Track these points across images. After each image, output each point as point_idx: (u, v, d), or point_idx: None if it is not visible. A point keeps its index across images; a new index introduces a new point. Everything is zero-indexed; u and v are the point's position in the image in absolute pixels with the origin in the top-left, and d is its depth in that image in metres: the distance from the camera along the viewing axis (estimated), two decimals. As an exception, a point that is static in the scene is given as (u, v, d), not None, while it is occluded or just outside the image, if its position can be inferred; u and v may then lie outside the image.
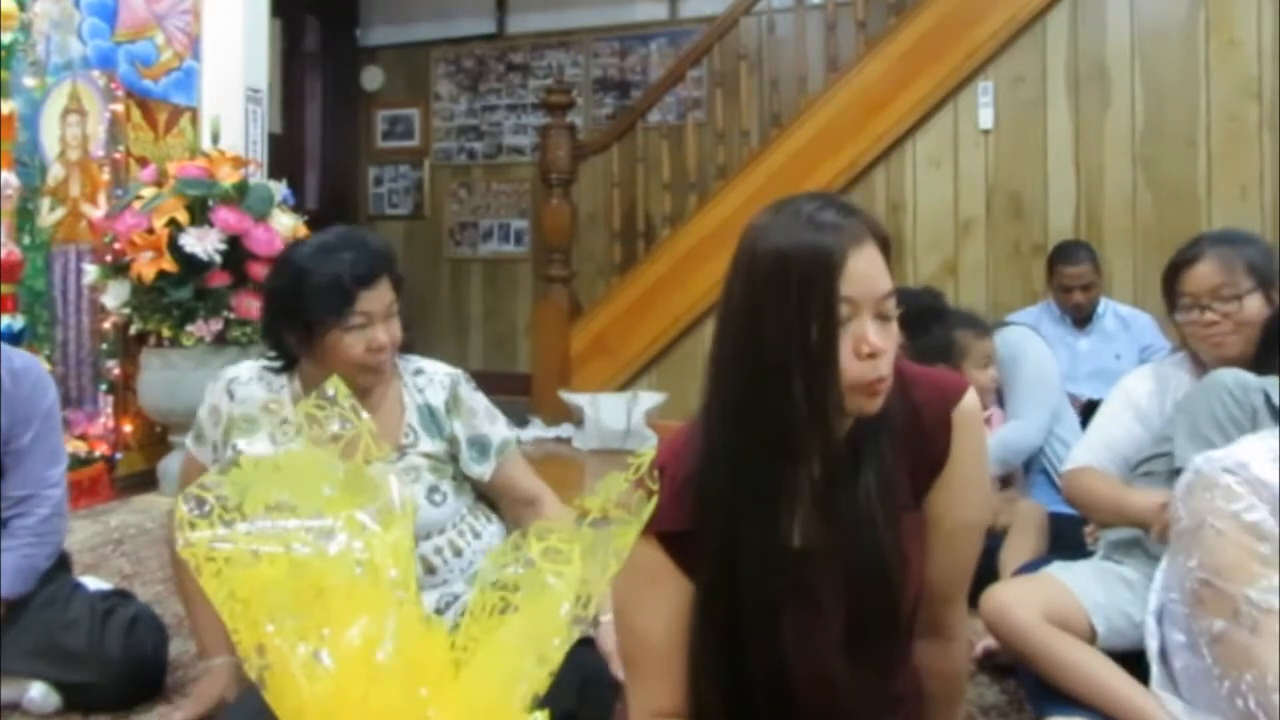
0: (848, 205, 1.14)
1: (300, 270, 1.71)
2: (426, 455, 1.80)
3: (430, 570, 1.74)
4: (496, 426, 1.87)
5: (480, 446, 1.83)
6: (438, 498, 1.78)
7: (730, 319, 1.13)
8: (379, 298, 1.71)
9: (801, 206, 1.12)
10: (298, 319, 1.71)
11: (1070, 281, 3.89)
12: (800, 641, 1.14)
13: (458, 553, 1.78)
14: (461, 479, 1.84)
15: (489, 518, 1.88)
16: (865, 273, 1.08)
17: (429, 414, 1.81)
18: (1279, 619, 0.84)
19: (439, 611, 1.72)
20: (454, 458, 1.82)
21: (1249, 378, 1.80)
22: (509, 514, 1.91)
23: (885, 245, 1.13)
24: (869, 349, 1.07)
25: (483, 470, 1.83)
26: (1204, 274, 1.96)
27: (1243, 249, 1.98)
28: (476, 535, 1.82)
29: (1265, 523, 0.86)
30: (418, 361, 1.87)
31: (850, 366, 1.08)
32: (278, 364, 1.82)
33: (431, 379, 1.84)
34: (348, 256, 1.70)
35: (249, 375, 1.84)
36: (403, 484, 1.71)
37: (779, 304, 1.07)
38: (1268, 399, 1.74)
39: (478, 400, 1.87)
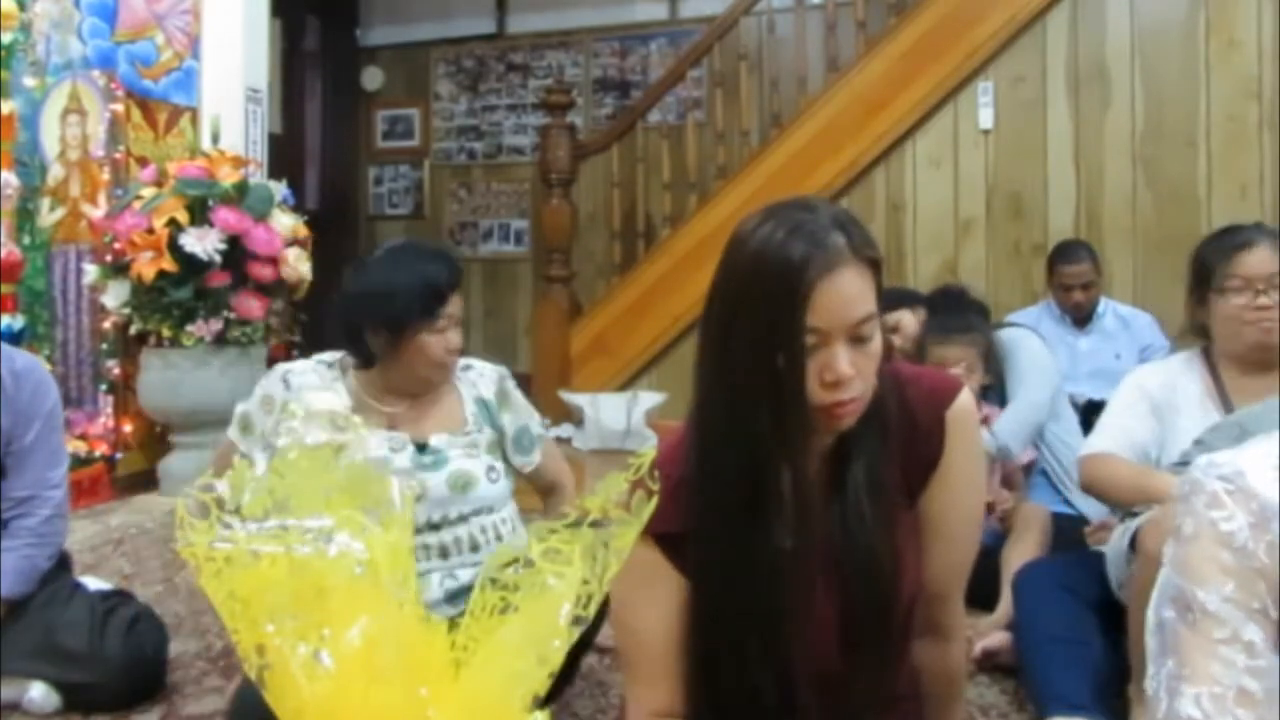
0: (839, 219, 1.09)
1: (393, 275, 1.83)
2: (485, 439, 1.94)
3: (474, 548, 1.84)
4: (534, 420, 2.03)
5: (527, 439, 1.99)
6: (494, 475, 1.90)
7: (708, 330, 1.13)
8: (457, 304, 1.88)
9: (786, 217, 1.08)
10: (386, 321, 1.82)
11: (1070, 281, 3.89)
12: (794, 642, 1.14)
13: (500, 537, 1.88)
14: (507, 464, 1.97)
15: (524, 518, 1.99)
16: (836, 301, 1.04)
17: (483, 405, 1.97)
18: (1216, 624, 0.89)
19: (471, 588, 1.82)
20: (501, 448, 1.97)
21: None
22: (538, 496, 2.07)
23: (874, 264, 1.09)
24: (833, 377, 1.06)
25: (526, 461, 1.99)
26: (1263, 259, 1.90)
27: None
28: (514, 530, 1.92)
29: (1239, 534, 0.89)
30: (463, 359, 1.99)
31: (814, 392, 1.06)
32: (330, 360, 1.93)
33: (481, 374, 2.00)
34: (435, 265, 1.85)
35: (304, 368, 1.93)
36: (467, 457, 1.86)
37: (747, 328, 1.07)
38: None
39: (519, 395, 2.03)
